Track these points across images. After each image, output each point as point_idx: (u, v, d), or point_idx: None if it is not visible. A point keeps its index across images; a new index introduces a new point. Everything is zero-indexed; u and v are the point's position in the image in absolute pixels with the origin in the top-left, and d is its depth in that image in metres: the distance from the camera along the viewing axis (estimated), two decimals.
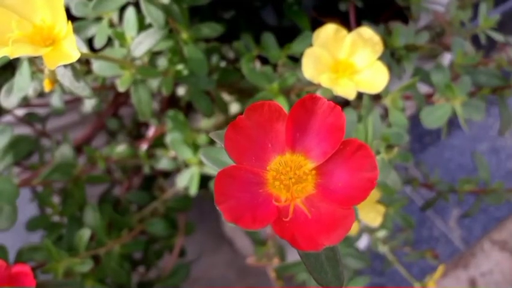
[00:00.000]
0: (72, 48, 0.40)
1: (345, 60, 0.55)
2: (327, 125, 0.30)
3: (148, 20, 0.53)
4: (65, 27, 0.40)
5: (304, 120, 0.31)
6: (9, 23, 0.40)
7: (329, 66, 0.54)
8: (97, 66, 0.55)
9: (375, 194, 0.62)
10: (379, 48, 0.54)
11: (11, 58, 0.38)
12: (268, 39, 0.65)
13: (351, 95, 0.51)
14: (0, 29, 0.40)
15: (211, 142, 0.71)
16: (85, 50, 0.53)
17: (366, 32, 0.55)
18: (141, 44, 0.54)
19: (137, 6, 0.56)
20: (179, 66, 0.60)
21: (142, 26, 0.57)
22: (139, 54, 0.54)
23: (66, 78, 0.43)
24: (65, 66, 0.43)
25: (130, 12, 0.57)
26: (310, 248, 0.27)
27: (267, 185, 0.31)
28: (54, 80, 0.45)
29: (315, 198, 0.30)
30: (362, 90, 0.52)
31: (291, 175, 0.30)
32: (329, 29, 0.55)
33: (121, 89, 0.54)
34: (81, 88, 0.43)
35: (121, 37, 0.56)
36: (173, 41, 0.60)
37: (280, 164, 0.31)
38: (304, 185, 0.30)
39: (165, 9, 0.53)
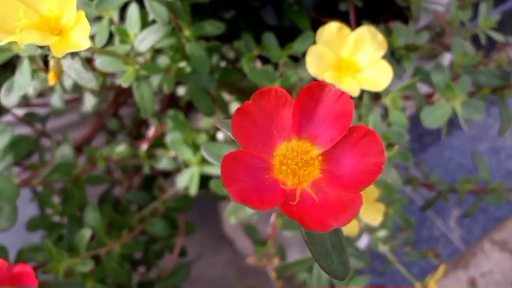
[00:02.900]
0: (81, 38, 0.39)
1: (348, 58, 0.55)
2: (334, 111, 0.30)
3: (151, 17, 0.53)
4: (73, 17, 0.40)
5: (311, 107, 0.31)
6: (17, 13, 0.40)
7: (332, 65, 0.54)
8: (100, 61, 0.55)
9: (374, 192, 0.62)
10: (383, 46, 0.54)
11: (15, 54, 0.38)
12: (269, 39, 0.65)
13: (354, 92, 0.51)
14: (8, 19, 0.39)
15: (211, 141, 0.71)
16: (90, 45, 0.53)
17: (370, 30, 0.55)
18: (144, 40, 0.54)
19: (139, 2, 0.56)
20: (182, 64, 0.60)
21: (145, 23, 0.57)
22: (143, 49, 0.54)
23: (72, 70, 0.43)
24: (72, 57, 0.43)
25: (133, 8, 0.57)
26: (319, 228, 0.27)
27: (273, 171, 0.30)
28: (60, 73, 0.45)
29: (322, 183, 0.30)
30: (365, 88, 0.52)
31: (297, 160, 0.30)
32: (332, 27, 0.55)
33: (124, 84, 0.54)
34: (87, 79, 0.43)
35: (124, 33, 0.56)
36: (175, 38, 0.60)
37: (287, 150, 0.31)
38: (311, 169, 0.30)
39: (168, 5, 0.53)
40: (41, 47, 0.43)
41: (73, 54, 0.42)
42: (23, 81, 0.49)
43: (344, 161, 0.30)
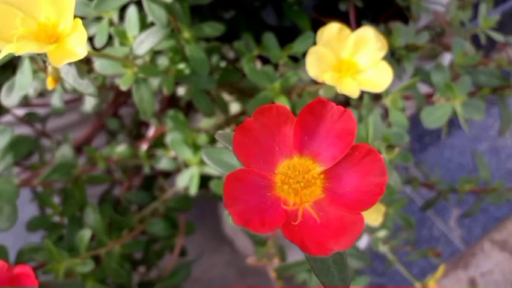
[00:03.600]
0: (78, 46, 0.39)
1: (348, 59, 0.55)
2: (336, 129, 0.30)
3: (150, 19, 0.53)
4: (70, 24, 0.40)
5: (313, 124, 0.30)
6: (14, 20, 0.40)
7: (332, 66, 0.54)
8: (99, 64, 0.55)
9: None
10: (383, 47, 0.54)
11: (16, 55, 0.38)
12: (269, 39, 0.65)
13: (354, 94, 0.51)
14: (5, 27, 0.40)
15: (211, 142, 0.71)
16: (88, 48, 0.53)
17: (370, 31, 0.55)
18: (143, 43, 0.54)
19: (138, 4, 0.56)
20: (181, 66, 0.60)
21: (144, 25, 0.57)
22: (141, 52, 0.54)
23: (70, 76, 0.43)
24: (69, 63, 0.43)
25: (132, 10, 0.57)
26: (319, 252, 0.27)
27: (275, 189, 0.30)
28: (58, 78, 0.45)
29: (323, 203, 0.30)
30: (365, 89, 0.52)
31: (299, 179, 0.30)
32: (333, 28, 0.54)
33: (123, 87, 0.54)
34: (85, 85, 0.43)
35: (123, 36, 0.56)
36: (174, 40, 0.60)
37: (289, 168, 0.31)
38: (313, 189, 0.30)
39: (167, 7, 0.53)
40: (38, 54, 0.43)
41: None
42: (24, 81, 0.49)
43: (345, 180, 0.30)
